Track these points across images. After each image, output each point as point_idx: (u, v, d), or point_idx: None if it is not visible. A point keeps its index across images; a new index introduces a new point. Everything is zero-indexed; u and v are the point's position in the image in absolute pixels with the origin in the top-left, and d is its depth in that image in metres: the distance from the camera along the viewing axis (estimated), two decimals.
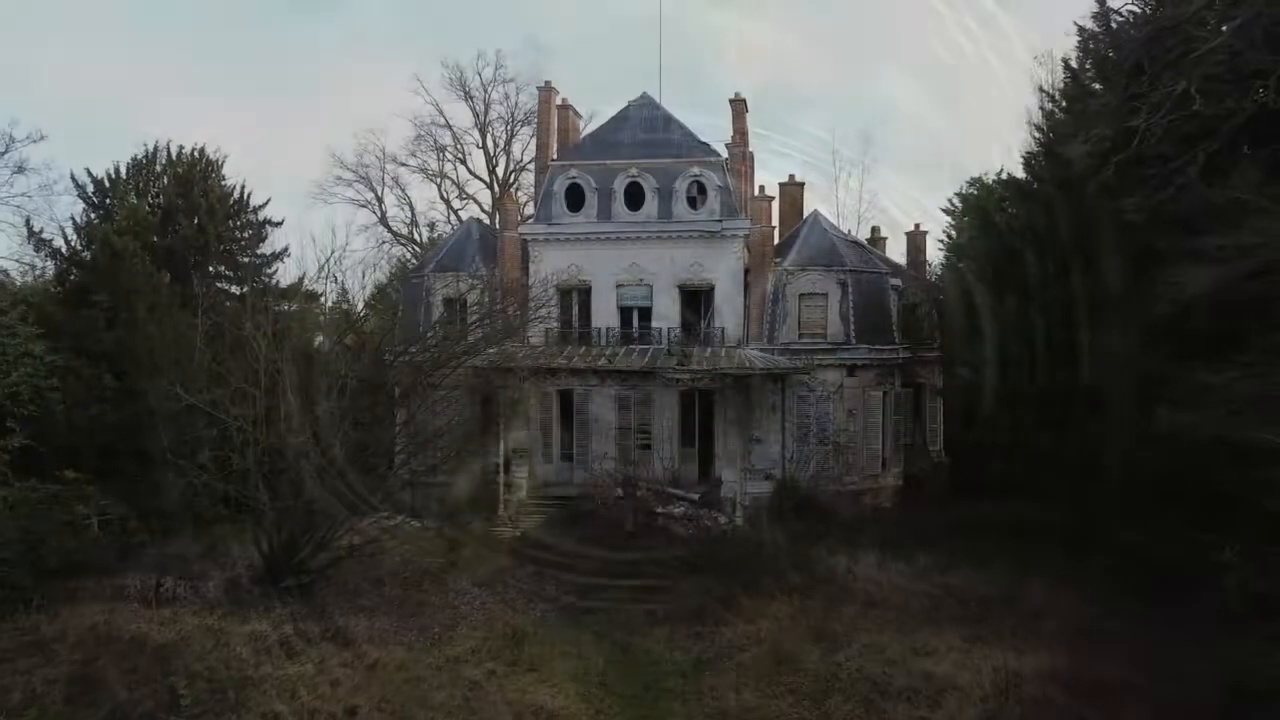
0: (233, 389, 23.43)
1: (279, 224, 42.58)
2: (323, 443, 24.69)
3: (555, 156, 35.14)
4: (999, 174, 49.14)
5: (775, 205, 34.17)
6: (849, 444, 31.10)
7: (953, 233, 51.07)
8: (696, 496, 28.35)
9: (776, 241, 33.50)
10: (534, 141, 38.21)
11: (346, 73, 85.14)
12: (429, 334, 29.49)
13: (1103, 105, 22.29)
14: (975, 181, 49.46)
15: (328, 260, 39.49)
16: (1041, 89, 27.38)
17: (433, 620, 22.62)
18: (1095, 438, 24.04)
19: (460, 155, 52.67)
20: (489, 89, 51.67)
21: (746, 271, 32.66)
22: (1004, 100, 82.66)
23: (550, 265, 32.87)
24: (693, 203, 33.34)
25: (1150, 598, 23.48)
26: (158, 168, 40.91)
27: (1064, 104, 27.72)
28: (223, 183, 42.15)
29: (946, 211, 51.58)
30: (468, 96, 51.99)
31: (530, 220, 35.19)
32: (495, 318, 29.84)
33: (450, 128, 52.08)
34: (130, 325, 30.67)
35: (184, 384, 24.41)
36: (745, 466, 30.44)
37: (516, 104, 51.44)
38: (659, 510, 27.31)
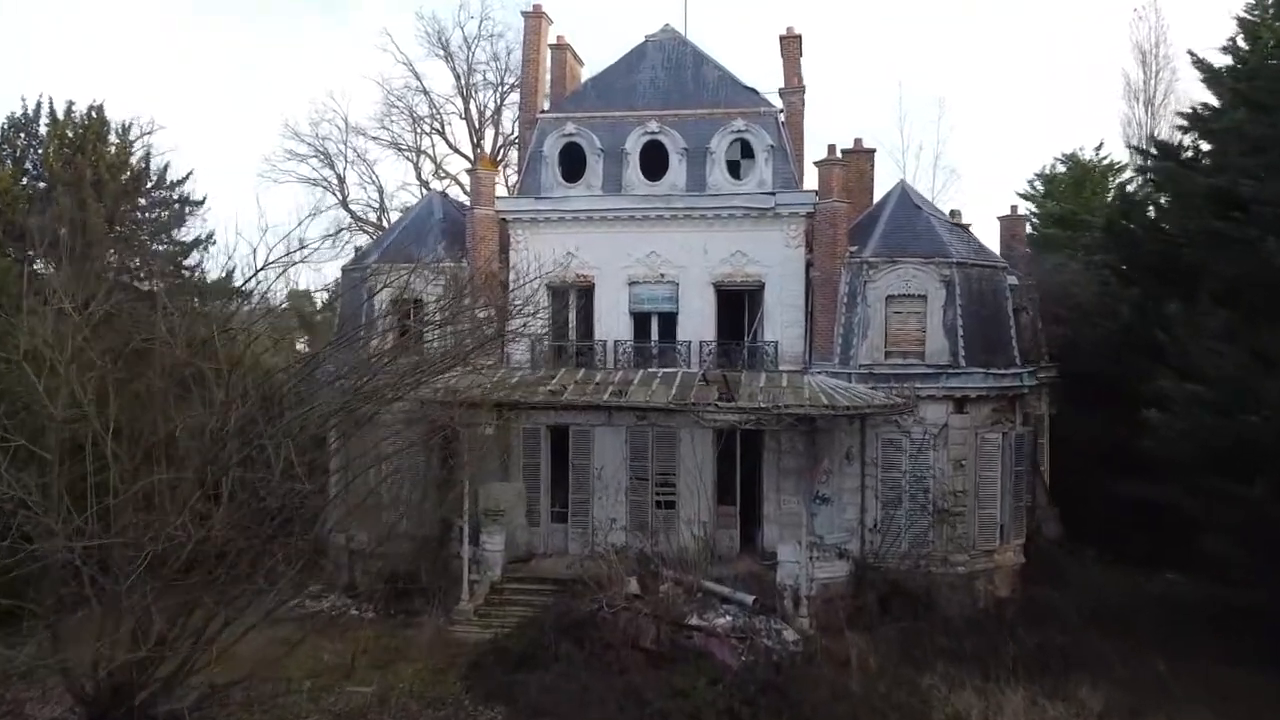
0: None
1: (200, 203, 34.11)
2: (176, 514, 15.74)
3: (547, 108, 26.13)
4: (1098, 148, 40.54)
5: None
6: (957, 509, 22.02)
7: (1035, 220, 42.18)
8: (750, 600, 19.24)
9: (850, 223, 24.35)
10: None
11: (300, 26, 75.94)
12: (361, 346, 20.32)
13: None
14: (1070, 158, 40.49)
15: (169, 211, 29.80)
16: None
17: None
18: None
19: (439, 126, 43.71)
20: (473, 46, 42.77)
21: (809, 265, 23.68)
22: (1094, 67, 72.46)
23: (539, 254, 23.88)
24: (735, 169, 24.36)
25: None
26: (41, 129, 32.27)
27: None
28: (130, 150, 33.59)
29: (1027, 196, 42.52)
30: (448, 56, 43.06)
31: (513, 194, 26.25)
32: (458, 325, 20.64)
33: (427, 93, 43.14)
34: None
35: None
36: (811, 539, 21.36)
37: (506, 66, 42.40)
38: (694, 622, 18.23)
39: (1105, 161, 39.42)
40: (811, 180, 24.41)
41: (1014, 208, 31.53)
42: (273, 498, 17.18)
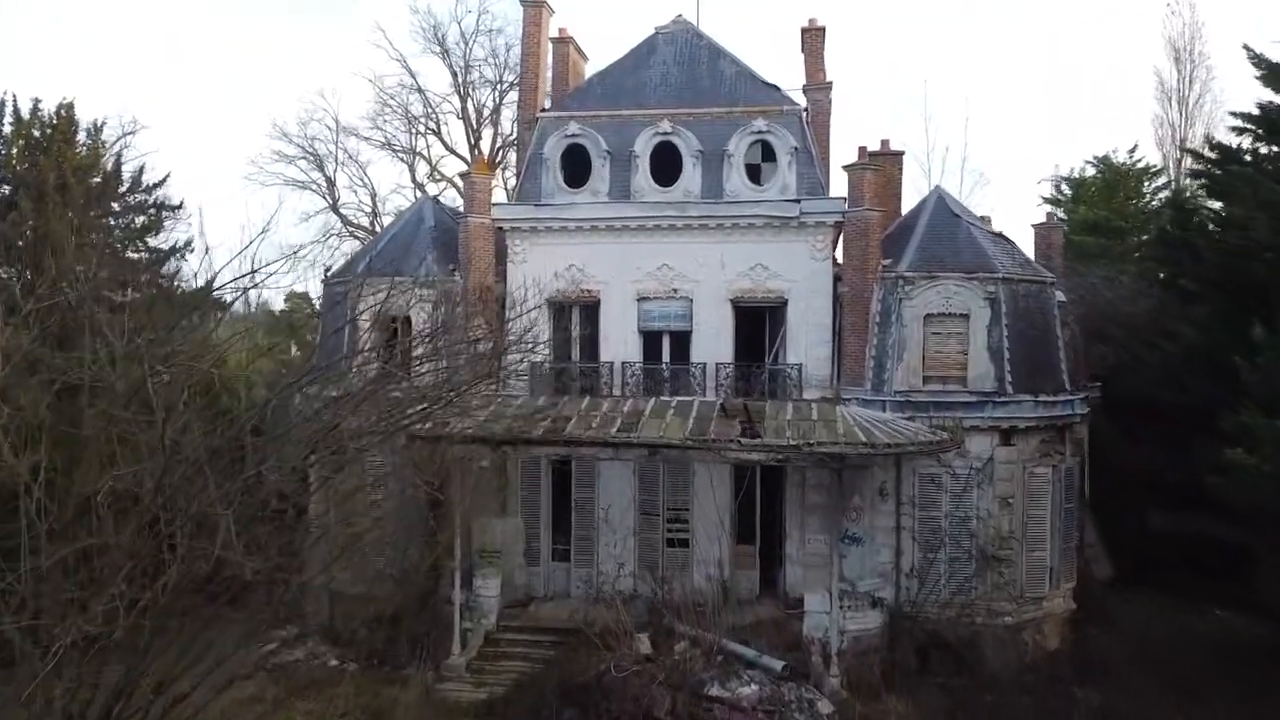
0: None
1: (177, 207, 31.88)
2: (108, 585, 13.53)
3: (548, 106, 23.94)
4: (1131, 150, 38.27)
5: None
6: (1005, 552, 19.82)
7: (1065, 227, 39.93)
8: (779, 665, 17.02)
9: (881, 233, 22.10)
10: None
11: (293, 22, 73.69)
12: (336, 378, 18.08)
13: None
14: (1102, 160, 38.21)
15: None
16: None
17: None
18: None
19: (434, 126, 41.50)
20: (470, 42, 40.59)
21: (837, 280, 21.50)
22: (1119, 67, 69.85)
23: (539, 267, 21.77)
24: (755, 173, 22.18)
25: None
26: (5, 128, 30.10)
27: None
28: (102, 151, 31.36)
29: (1054, 201, 40.25)
30: (444, 52, 40.87)
31: (511, 200, 24.04)
32: (452, 360, 18.30)
33: (422, 91, 40.92)
34: None
35: None
36: (841, 586, 19.16)
37: (505, 62, 40.18)
38: (714, 692, 16.02)
39: (1140, 165, 37.19)
40: (839, 186, 22.25)
41: (1050, 214, 29.57)
42: (226, 567, 14.98)
